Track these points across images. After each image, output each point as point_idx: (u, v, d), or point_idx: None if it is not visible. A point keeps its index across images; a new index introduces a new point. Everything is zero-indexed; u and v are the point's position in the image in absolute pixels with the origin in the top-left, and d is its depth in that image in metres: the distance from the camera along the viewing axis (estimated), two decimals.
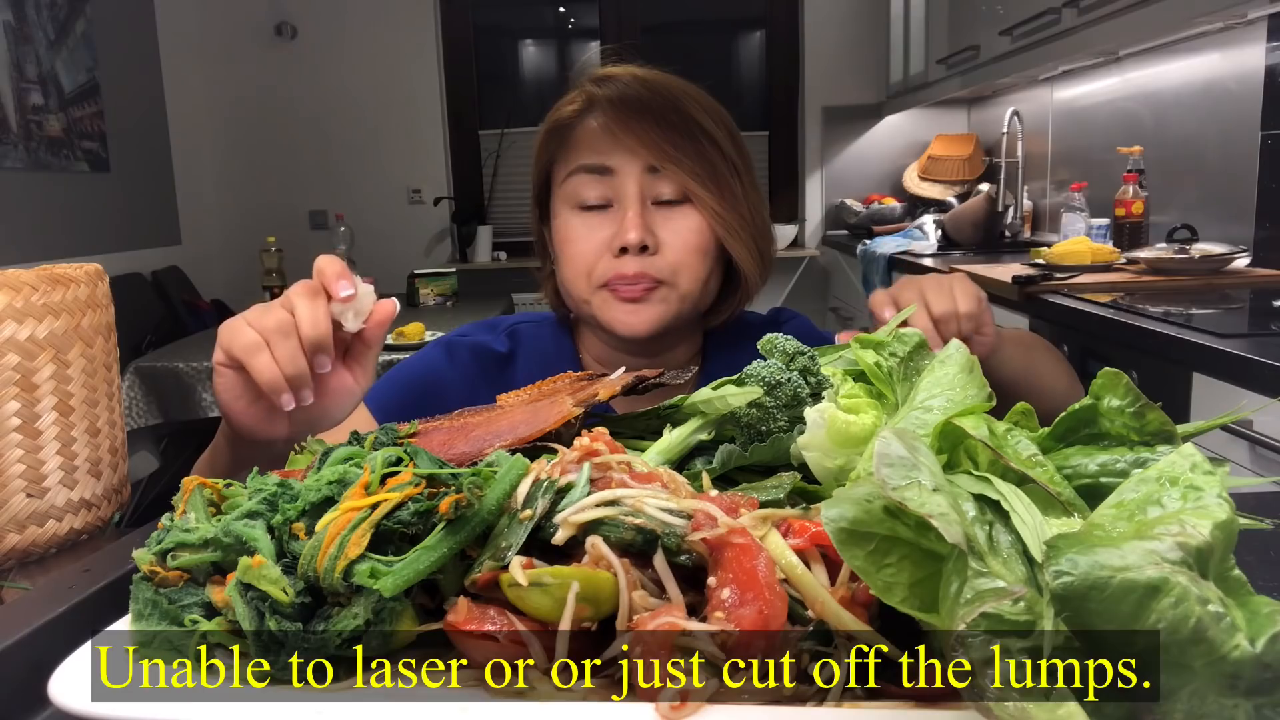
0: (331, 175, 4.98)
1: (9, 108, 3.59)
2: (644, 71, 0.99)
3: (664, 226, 0.95)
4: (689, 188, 0.95)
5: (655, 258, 0.95)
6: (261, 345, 0.68)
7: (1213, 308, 1.87)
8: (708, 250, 0.97)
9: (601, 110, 0.96)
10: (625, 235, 0.93)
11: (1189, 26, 2.34)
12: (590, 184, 0.96)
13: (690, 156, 0.94)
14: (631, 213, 0.94)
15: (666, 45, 5.07)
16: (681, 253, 0.95)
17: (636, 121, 0.94)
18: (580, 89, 1.00)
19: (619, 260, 0.95)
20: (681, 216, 0.96)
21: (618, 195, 0.96)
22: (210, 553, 0.51)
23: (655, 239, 0.95)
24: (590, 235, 0.96)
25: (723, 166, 0.96)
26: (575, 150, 0.98)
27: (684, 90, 0.98)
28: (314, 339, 0.69)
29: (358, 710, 0.43)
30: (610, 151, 0.95)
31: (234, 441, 0.79)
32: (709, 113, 0.97)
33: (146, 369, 2.83)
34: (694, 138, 0.95)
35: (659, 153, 0.94)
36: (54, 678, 0.45)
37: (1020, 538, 0.40)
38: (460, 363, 1.04)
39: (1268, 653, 0.34)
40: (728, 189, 0.96)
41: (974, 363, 0.57)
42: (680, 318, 0.99)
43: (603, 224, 0.96)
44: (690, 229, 0.96)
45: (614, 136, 0.95)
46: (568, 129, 0.99)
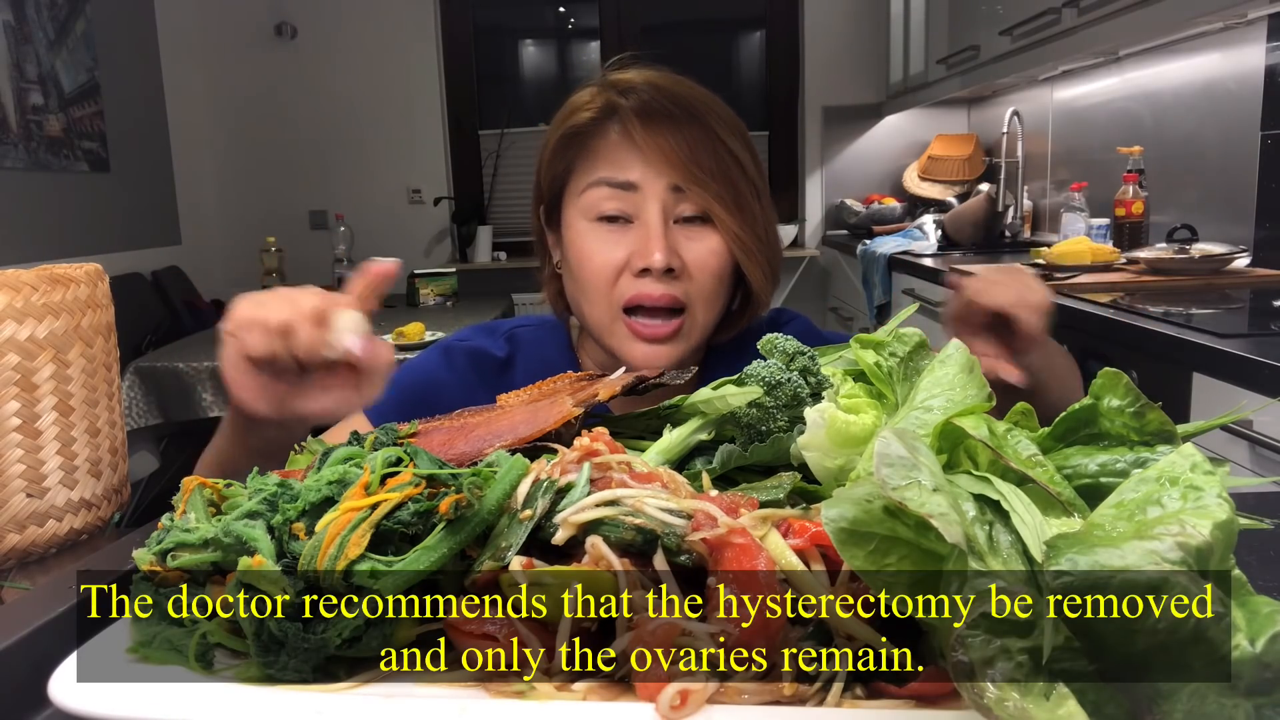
0: (331, 175, 4.98)
1: (9, 108, 3.59)
2: (663, 79, 0.97)
3: (685, 247, 0.94)
4: (712, 210, 0.94)
5: (678, 280, 0.94)
6: (257, 323, 0.72)
7: (1213, 308, 1.87)
8: (726, 274, 0.97)
9: (625, 122, 0.94)
10: (650, 256, 0.92)
11: (1189, 26, 2.34)
12: (611, 197, 0.95)
13: (715, 178, 0.93)
14: (655, 233, 0.93)
15: (666, 45, 5.07)
16: (702, 276, 0.95)
17: (660, 137, 0.93)
18: (595, 93, 0.98)
19: (640, 281, 0.94)
20: (702, 237, 0.95)
21: (639, 212, 0.94)
22: (210, 553, 0.51)
23: (679, 260, 0.94)
24: (609, 251, 0.95)
25: (745, 188, 0.95)
26: (596, 161, 0.96)
27: (707, 105, 0.96)
28: (307, 350, 0.72)
29: (357, 710, 0.43)
30: (633, 166, 0.94)
31: (235, 423, 0.81)
32: (729, 126, 0.96)
33: (146, 369, 2.83)
34: (717, 156, 0.94)
35: (685, 174, 0.93)
36: (54, 678, 0.45)
37: (1020, 538, 0.40)
38: (458, 368, 1.04)
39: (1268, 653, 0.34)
40: (748, 211, 0.96)
41: (974, 363, 0.57)
42: (695, 349, 0.99)
43: (621, 239, 0.95)
44: (711, 251, 0.95)
45: (639, 152, 0.93)
46: (587, 136, 0.97)
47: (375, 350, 0.75)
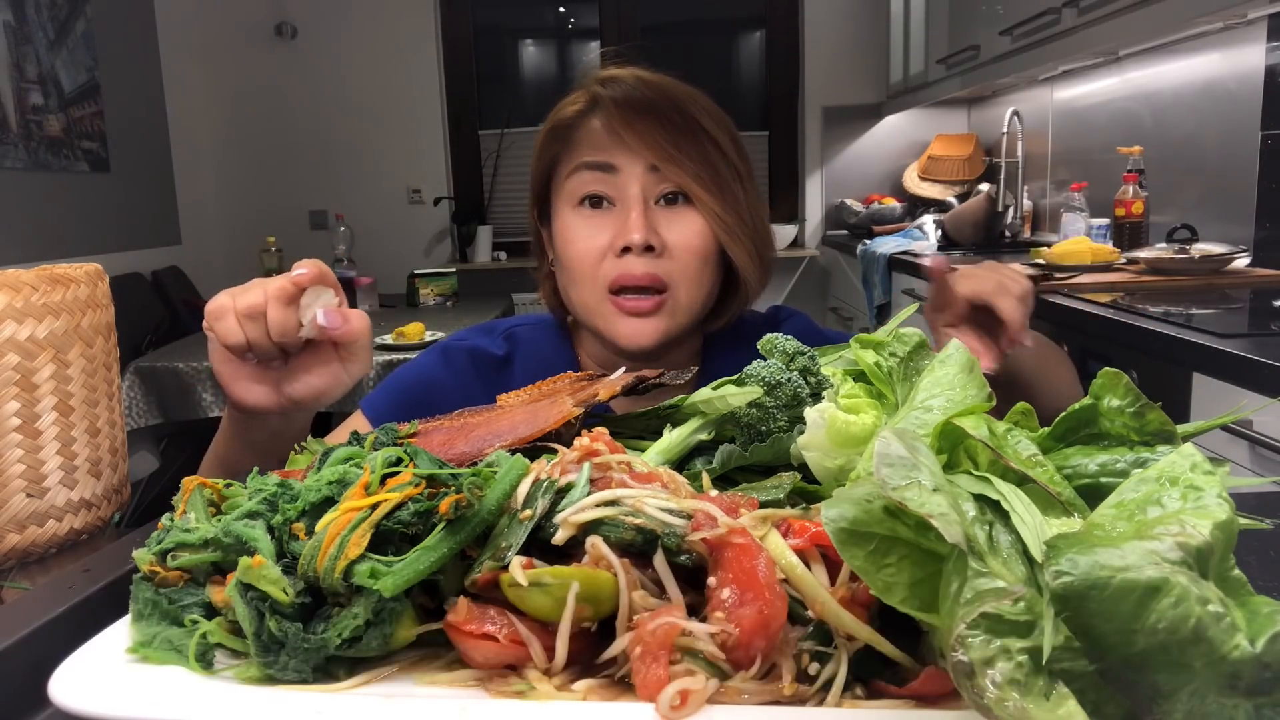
0: (331, 175, 4.98)
1: (9, 108, 3.59)
2: (647, 74, 1.00)
3: (666, 227, 0.96)
4: (690, 188, 0.95)
5: (660, 259, 0.95)
6: (227, 311, 0.75)
7: (1213, 308, 1.87)
8: (709, 254, 0.97)
9: (605, 109, 0.97)
10: (629, 235, 0.93)
11: (1189, 26, 2.34)
12: (592, 181, 0.97)
13: (692, 158, 0.95)
14: (635, 212, 0.94)
15: (666, 45, 5.07)
16: (684, 256, 0.96)
17: (639, 120, 0.95)
18: (583, 89, 1.00)
19: (623, 260, 0.95)
20: (683, 217, 0.96)
21: (620, 194, 0.96)
22: (210, 553, 0.51)
23: (660, 239, 0.95)
24: (593, 235, 0.96)
25: (724, 169, 0.97)
26: (578, 148, 0.98)
27: (687, 93, 0.99)
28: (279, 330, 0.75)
29: (358, 710, 0.43)
30: (612, 149, 0.96)
31: (234, 419, 0.83)
32: (711, 116, 0.98)
33: (146, 369, 2.83)
34: (696, 138, 0.95)
35: (661, 152, 0.94)
36: (54, 678, 0.45)
37: (1020, 538, 0.40)
38: (457, 368, 1.04)
39: (1268, 653, 0.34)
40: (729, 191, 0.97)
41: (974, 363, 0.57)
42: (683, 328, 0.99)
43: (605, 224, 0.96)
44: (692, 230, 0.96)
45: (617, 135, 0.95)
46: (570, 128, 0.99)
47: (347, 321, 0.77)
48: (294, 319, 0.75)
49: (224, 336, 0.75)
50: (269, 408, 0.80)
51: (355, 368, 0.81)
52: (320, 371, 0.80)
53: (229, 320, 0.75)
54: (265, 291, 0.75)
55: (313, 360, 0.80)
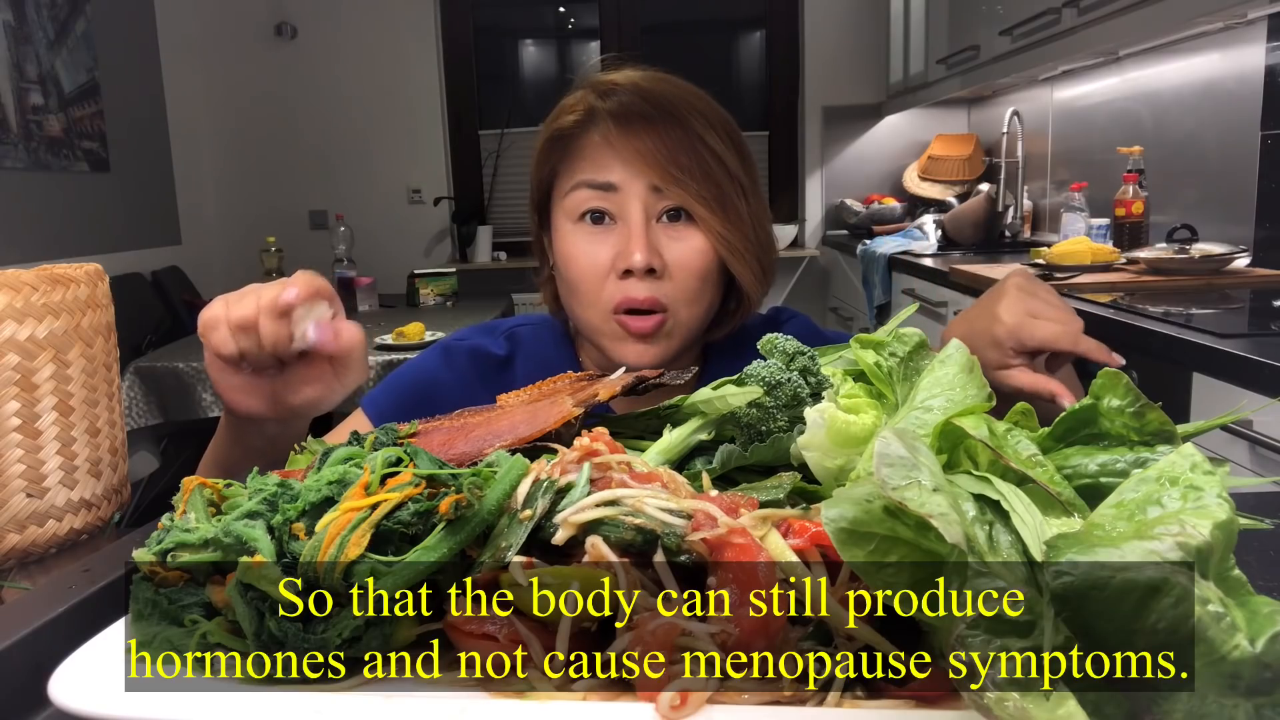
0: (331, 175, 4.98)
1: (9, 108, 3.59)
2: (647, 80, 0.97)
3: (668, 247, 0.94)
4: (692, 208, 0.94)
5: (660, 281, 0.94)
6: (220, 322, 0.76)
7: (1213, 308, 1.87)
8: (709, 273, 0.96)
9: (604, 124, 0.95)
10: (631, 257, 0.92)
11: (1189, 26, 2.34)
12: (592, 198, 0.95)
13: (694, 176, 0.93)
14: (636, 234, 0.93)
15: (666, 45, 5.07)
16: (684, 277, 0.94)
17: (639, 138, 0.93)
18: (582, 96, 0.98)
19: (626, 283, 0.94)
20: (684, 236, 0.95)
21: (621, 212, 0.95)
22: (210, 553, 0.51)
23: (661, 261, 0.94)
24: (594, 253, 0.95)
25: (728, 186, 0.95)
26: (577, 164, 0.96)
27: (689, 103, 0.96)
28: (271, 344, 0.75)
29: (358, 710, 0.43)
30: (612, 167, 0.94)
31: (231, 424, 0.84)
32: (713, 124, 0.96)
33: (146, 369, 2.83)
34: (699, 156, 0.93)
35: (663, 173, 0.92)
36: (54, 678, 0.45)
37: (1020, 538, 0.40)
38: (458, 367, 1.04)
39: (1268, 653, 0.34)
40: (732, 208, 0.95)
41: (974, 363, 0.57)
42: (684, 345, 0.99)
43: (606, 240, 0.95)
44: (694, 250, 0.94)
45: (616, 153, 0.94)
46: (569, 140, 0.97)
47: (338, 336, 0.76)
48: (286, 332, 0.75)
49: (217, 347, 0.75)
50: (264, 415, 0.79)
51: (350, 378, 0.81)
52: (315, 381, 0.79)
53: (222, 331, 0.75)
54: (258, 304, 0.74)
55: (308, 369, 0.79)
